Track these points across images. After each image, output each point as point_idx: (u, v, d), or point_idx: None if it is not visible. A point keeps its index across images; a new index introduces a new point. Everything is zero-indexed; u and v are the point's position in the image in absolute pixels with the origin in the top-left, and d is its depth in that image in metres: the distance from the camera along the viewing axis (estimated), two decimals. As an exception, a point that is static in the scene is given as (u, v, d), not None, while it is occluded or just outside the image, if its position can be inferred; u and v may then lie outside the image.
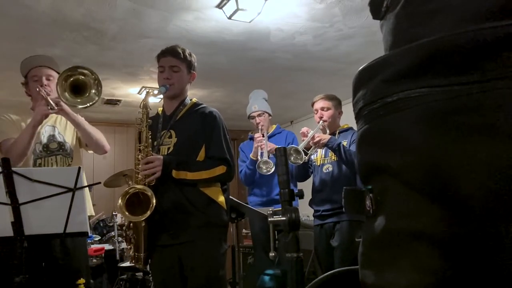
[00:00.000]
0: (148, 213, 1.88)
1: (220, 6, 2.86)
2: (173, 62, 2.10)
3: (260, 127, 3.23)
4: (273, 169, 3.01)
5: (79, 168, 1.84)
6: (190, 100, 2.22)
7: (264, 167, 3.04)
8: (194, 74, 2.22)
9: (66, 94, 2.19)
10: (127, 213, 1.90)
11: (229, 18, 2.96)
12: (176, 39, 3.26)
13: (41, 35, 3.18)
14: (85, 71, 2.21)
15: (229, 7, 2.84)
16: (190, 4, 2.83)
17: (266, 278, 3.20)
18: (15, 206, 1.75)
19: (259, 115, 3.29)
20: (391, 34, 0.52)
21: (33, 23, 2.99)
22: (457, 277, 0.40)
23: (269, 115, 3.37)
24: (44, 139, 2.33)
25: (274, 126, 3.48)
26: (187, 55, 2.15)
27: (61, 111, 2.23)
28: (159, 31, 3.22)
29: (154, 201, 1.89)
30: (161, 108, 2.26)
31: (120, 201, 1.90)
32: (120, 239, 4.13)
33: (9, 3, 2.73)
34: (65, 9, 2.84)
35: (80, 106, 2.23)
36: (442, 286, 0.41)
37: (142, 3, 2.81)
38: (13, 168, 1.75)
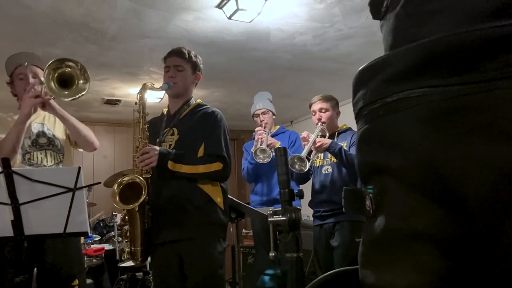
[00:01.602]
0: (141, 199, 1.90)
1: (220, 6, 2.86)
2: (178, 61, 2.16)
3: (263, 125, 3.23)
4: (269, 159, 2.98)
5: (79, 168, 1.84)
6: (195, 101, 2.26)
7: (261, 155, 3.01)
8: (199, 75, 2.26)
9: (53, 86, 2.10)
10: (119, 200, 1.91)
11: (229, 18, 2.96)
12: (176, 39, 3.26)
13: (41, 35, 3.18)
14: (70, 63, 2.13)
15: (229, 7, 2.84)
16: (190, 4, 2.83)
17: (266, 278, 3.20)
18: (15, 206, 1.75)
19: (263, 113, 3.30)
20: (391, 34, 0.52)
21: (33, 23, 2.99)
22: (457, 277, 0.40)
23: (273, 114, 3.38)
24: (33, 135, 2.28)
25: (278, 126, 3.49)
26: (192, 56, 2.21)
27: (48, 106, 2.17)
28: (159, 31, 3.22)
29: (145, 188, 1.91)
30: (166, 109, 2.30)
31: (116, 188, 1.92)
32: (120, 239, 4.13)
33: (9, 3, 2.73)
34: (65, 9, 2.84)
35: (67, 99, 2.14)
36: (442, 286, 0.41)
37: (142, 3, 2.81)
38: (13, 168, 1.75)
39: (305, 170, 2.65)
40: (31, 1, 2.71)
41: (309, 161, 2.67)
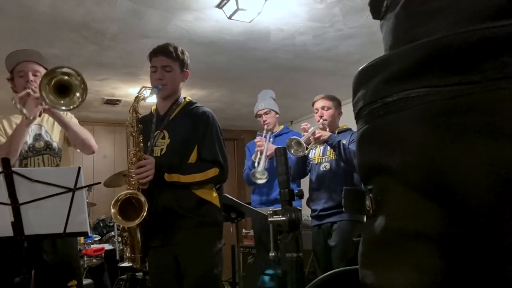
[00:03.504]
0: (139, 220, 1.89)
1: (220, 6, 2.86)
2: (165, 61, 2.06)
3: (266, 126, 3.25)
4: (265, 180, 3.01)
5: (79, 168, 1.84)
6: (184, 99, 2.18)
7: (258, 176, 3.03)
8: (187, 73, 2.17)
9: (50, 96, 2.05)
10: (120, 218, 1.91)
11: (229, 18, 2.96)
12: (176, 39, 3.26)
13: (41, 35, 3.18)
14: (71, 71, 2.06)
15: (229, 7, 2.84)
16: (190, 4, 2.83)
17: (266, 278, 3.20)
18: (15, 206, 1.75)
19: (265, 113, 3.31)
20: (391, 34, 0.52)
21: (33, 23, 2.99)
22: (457, 277, 0.40)
23: (276, 113, 3.37)
24: (30, 139, 2.25)
25: (282, 126, 3.49)
26: (179, 53, 2.10)
27: (47, 110, 2.15)
28: (159, 31, 3.22)
29: (146, 206, 1.90)
30: (155, 107, 2.22)
31: (112, 209, 1.91)
32: (120, 239, 4.13)
33: (9, 3, 2.73)
34: (65, 9, 2.84)
35: (64, 108, 2.09)
36: (442, 286, 0.41)
37: (142, 3, 2.81)
38: (13, 168, 1.75)
39: (301, 155, 2.67)
40: (31, 1, 2.71)
41: (306, 150, 2.70)
